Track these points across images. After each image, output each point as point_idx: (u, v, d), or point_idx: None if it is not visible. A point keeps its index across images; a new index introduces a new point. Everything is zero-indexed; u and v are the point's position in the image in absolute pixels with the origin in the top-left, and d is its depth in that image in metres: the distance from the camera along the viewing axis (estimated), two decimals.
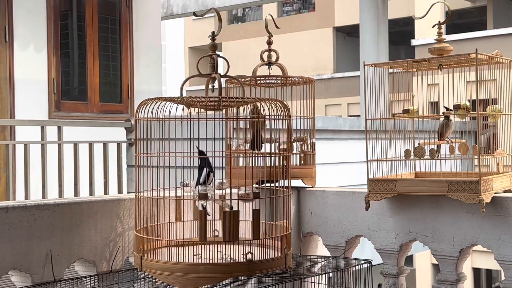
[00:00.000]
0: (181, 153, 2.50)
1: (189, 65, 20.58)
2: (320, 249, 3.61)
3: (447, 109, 3.14)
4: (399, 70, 3.24)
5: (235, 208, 2.40)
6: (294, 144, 3.46)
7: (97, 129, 6.23)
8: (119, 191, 5.49)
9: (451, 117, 3.17)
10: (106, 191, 5.37)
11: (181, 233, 2.68)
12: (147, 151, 2.49)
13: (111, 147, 5.43)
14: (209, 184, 2.58)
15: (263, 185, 2.85)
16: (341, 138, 6.30)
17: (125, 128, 5.58)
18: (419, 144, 3.11)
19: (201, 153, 2.57)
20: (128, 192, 5.52)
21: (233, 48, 21.81)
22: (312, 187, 3.56)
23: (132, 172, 5.59)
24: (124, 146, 5.61)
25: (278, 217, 2.54)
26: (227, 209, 2.43)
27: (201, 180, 2.60)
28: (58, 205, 2.63)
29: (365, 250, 3.86)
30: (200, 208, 2.54)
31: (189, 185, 2.60)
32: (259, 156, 2.93)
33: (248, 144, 3.33)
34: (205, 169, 2.60)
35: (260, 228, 2.41)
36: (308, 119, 3.48)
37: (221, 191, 2.61)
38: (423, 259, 15.28)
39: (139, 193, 2.51)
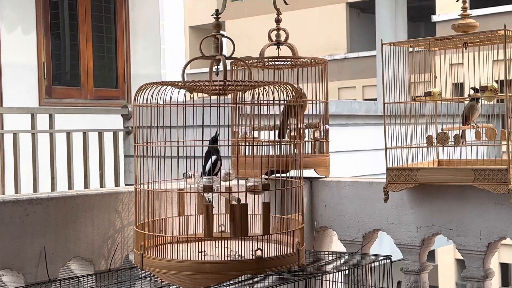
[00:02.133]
0: (183, 141, 2.50)
1: (190, 46, 20.55)
2: (335, 245, 3.62)
3: (474, 90, 3.13)
4: (419, 49, 3.22)
5: (243, 201, 2.40)
6: (306, 131, 3.46)
7: (92, 116, 6.24)
8: (117, 183, 5.50)
9: (477, 100, 3.16)
10: (102, 184, 5.39)
11: (185, 228, 2.69)
12: (147, 140, 2.49)
13: (107, 136, 5.44)
14: (216, 173, 2.60)
15: (273, 175, 2.84)
16: (356, 124, 6.30)
17: (122, 115, 5.58)
18: (442, 129, 3.10)
19: (214, 141, 2.58)
20: (126, 185, 5.54)
21: (238, 27, 21.77)
22: (325, 177, 3.57)
23: (130, 163, 5.60)
24: (121, 135, 5.61)
25: (289, 210, 2.55)
26: (234, 202, 2.44)
27: (207, 168, 2.61)
28: (51, 199, 2.64)
29: (383, 245, 3.88)
30: (205, 202, 2.54)
31: (192, 176, 2.61)
32: (268, 145, 2.94)
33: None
34: (213, 156, 2.60)
35: (270, 222, 2.42)
36: (321, 104, 3.47)
37: (227, 183, 2.61)
38: (446, 254, 15.29)
39: (139, 186, 2.52)
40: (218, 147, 2.63)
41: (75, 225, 2.70)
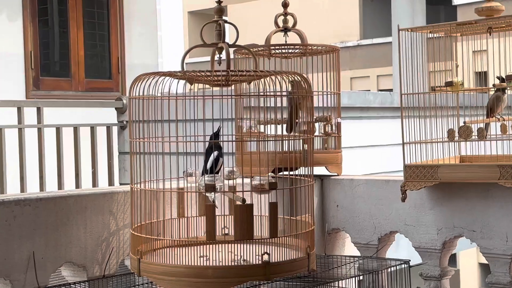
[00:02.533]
0: (183, 137, 2.51)
1: (189, 33, 20.54)
2: (348, 248, 3.63)
3: (500, 79, 3.12)
4: (439, 35, 3.22)
5: (248, 201, 2.41)
6: (316, 125, 3.46)
7: (83, 110, 6.25)
8: (111, 182, 5.51)
9: (503, 90, 3.15)
10: (95, 183, 5.40)
11: (185, 231, 2.70)
12: (143, 135, 2.50)
13: (100, 131, 5.44)
14: (218, 171, 2.60)
15: (281, 173, 2.84)
16: (371, 117, 6.30)
17: (116, 108, 5.59)
18: (464, 122, 3.10)
19: (216, 136, 2.59)
20: (121, 184, 5.54)
21: (242, 12, 21.75)
22: (338, 175, 3.58)
23: (125, 161, 5.61)
24: (115, 130, 5.62)
25: (298, 211, 2.55)
26: (238, 203, 2.44)
27: (208, 165, 2.61)
28: (41, 200, 2.65)
29: (401, 249, 3.87)
30: (207, 202, 2.56)
31: (193, 174, 2.61)
32: (275, 140, 2.93)
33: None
34: (214, 152, 2.61)
35: (278, 224, 2.42)
36: (332, 95, 3.47)
37: (231, 182, 2.62)
38: (468, 258, 15.27)
39: (135, 185, 2.52)
40: (221, 142, 2.64)
41: (66, 228, 2.70)
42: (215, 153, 2.61)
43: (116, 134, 5.65)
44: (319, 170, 3.53)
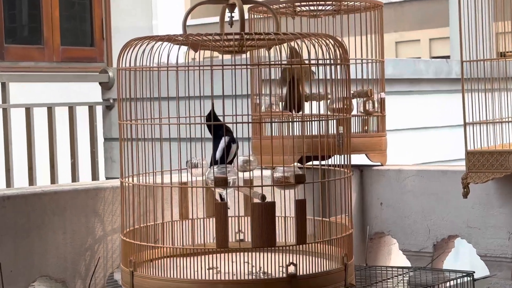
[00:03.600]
0: (185, 118, 2.50)
1: None
2: (396, 257, 3.63)
3: None
4: None
5: (268, 199, 2.39)
6: (354, 101, 3.45)
7: (59, 85, 6.23)
8: (95, 176, 5.52)
9: None
10: (75, 177, 5.40)
11: (189, 236, 2.69)
12: (136, 116, 2.49)
13: (81, 111, 5.44)
14: (231, 161, 2.59)
15: (309, 163, 2.84)
16: (422, 91, 6.27)
17: (100, 83, 5.59)
18: None
19: (214, 117, 2.57)
20: (108, 178, 5.52)
21: None
22: (381, 164, 3.57)
23: (113, 149, 5.62)
24: (99, 110, 5.62)
25: (332, 210, 2.53)
26: (257, 200, 2.43)
27: (218, 155, 2.60)
28: (8, 199, 2.65)
29: (462, 258, 3.91)
30: (217, 200, 2.55)
31: (199, 165, 2.60)
32: (302, 121, 2.90)
33: (281, 104, 3.33)
34: (223, 138, 2.59)
35: (306, 227, 2.40)
36: (374, 64, 3.47)
37: (247, 174, 2.61)
38: None
39: (126, 179, 2.51)
40: (233, 124, 2.62)
41: (41, 233, 2.70)
42: (226, 138, 2.60)
43: (101, 116, 5.64)
44: (358, 159, 3.53)
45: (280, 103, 3.41)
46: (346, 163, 2.53)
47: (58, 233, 2.74)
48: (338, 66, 2.52)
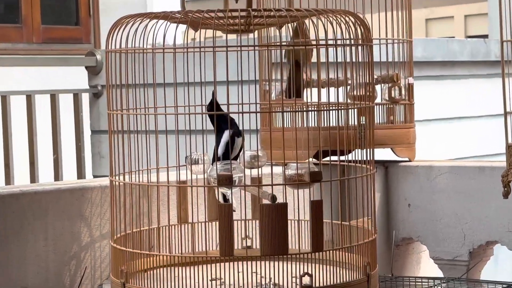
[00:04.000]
0: (184, 107, 2.53)
1: None
2: (426, 266, 3.65)
3: None
4: None
5: (279, 200, 2.39)
6: (378, 87, 3.44)
7: (40, 70, 6.28)
8: (81, 174, 5.54)
9: None
10: (58, 175, 5.42)
11: (189, 243, 2.72)
12: (127, 105, 2.51)
13: (64, 100, 5.44)
14: (236, 156, 2.62)
15: (327, 159, 2.78)
16: (456, 76, 6.35)
17: (86, 67, 5.60)
18: None
19: (216, 107, 2.58)
20: (96, 176, 5.55)
21: None
22: (409, 160, 3.61)
23: (102, 143, 5.66)
24: (85, 98, 5.64)
25: (353, 213, 2.55)
26: (266, 201, 2.43)
27: (220, 151, 2.61)
28: None
29: (502, 267, 3.90)
30: (221, 201, 2.58)
31: (200, 161, 2.62)
32: (319, 110, 2.91)
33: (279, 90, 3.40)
34: (226, 131, 2.60)
35: (323, 232, 2.41)
36: (401, 44, 3.51)
37: (254, 171, 2.64)
38: None
39: (116, 177, 2.53)
40: (239, 114, 2.60)
41: (19, 239, 2.71)
42: (230, 130, 2.61)
43: (88, 105, 5.68)
44: (383, 154, 3.54)
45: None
46: (368, 158, 2.55)
47: (39, 240, 2.76)
48: (360, 47, 2.54)
